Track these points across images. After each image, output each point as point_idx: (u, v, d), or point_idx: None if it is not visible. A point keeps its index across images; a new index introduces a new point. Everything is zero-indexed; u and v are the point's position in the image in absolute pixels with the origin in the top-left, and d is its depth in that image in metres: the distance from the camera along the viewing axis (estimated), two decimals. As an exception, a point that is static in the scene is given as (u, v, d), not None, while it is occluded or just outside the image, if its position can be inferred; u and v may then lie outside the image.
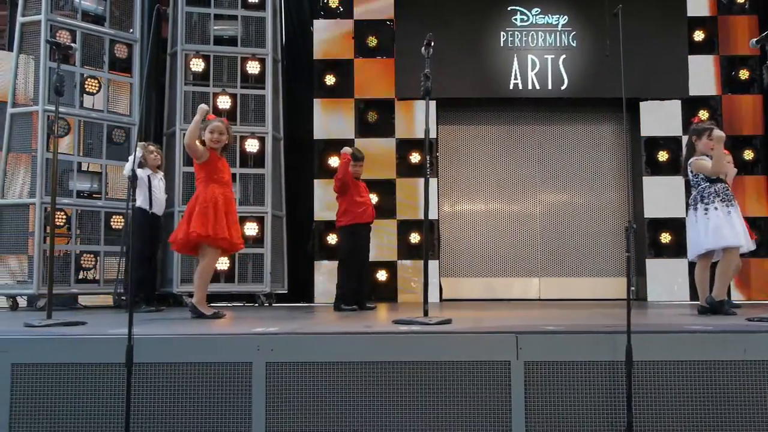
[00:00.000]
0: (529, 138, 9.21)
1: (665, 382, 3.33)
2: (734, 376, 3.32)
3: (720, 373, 3.33)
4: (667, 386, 3.33)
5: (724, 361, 3.34)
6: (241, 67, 7.88)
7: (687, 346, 3.38)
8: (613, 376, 3.32)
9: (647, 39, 8.45)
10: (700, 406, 3.31)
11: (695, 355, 3.35)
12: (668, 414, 3.31)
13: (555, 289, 8.93)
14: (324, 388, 3.37)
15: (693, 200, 5.27)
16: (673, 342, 3.40)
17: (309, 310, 6.78)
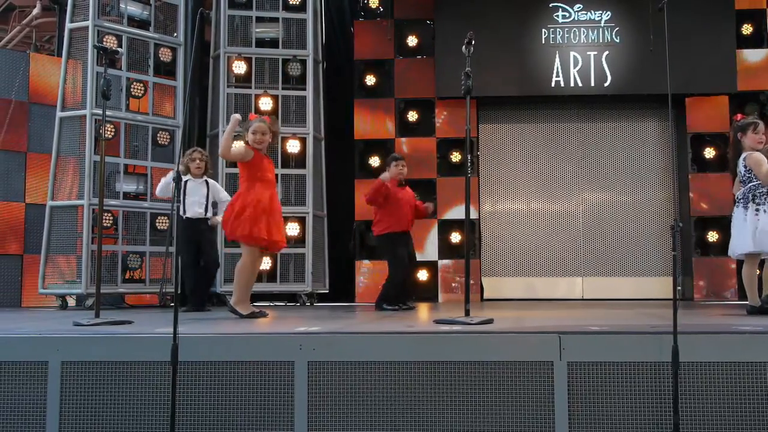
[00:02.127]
0: (571, 136, 9.10)
1: (713, 383, 3.26)
2: (785, 378, 3.24)
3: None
4: (714, 388, 3.26)
5: (774, 362, 3.26)
6: (282, 68, 7.95)
7: (735, 347, 3.30)
8: (659, 377, 3.26)
9: (693, 33, 8.26)
10: (749, 409, 3.23)
11: (744, 356, 3.27)
12: (716, 416, 3.23)
13: (598, 288, 8.80)
14: (365, 387, 3.38)
15: (743, 197, 5.08)
16: (720, 343, 3.33)
17: (350, 309, 6.81)
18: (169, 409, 3.28)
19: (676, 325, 3.17)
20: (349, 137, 8.77)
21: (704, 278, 8.38)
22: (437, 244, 8.54)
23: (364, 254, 8.54)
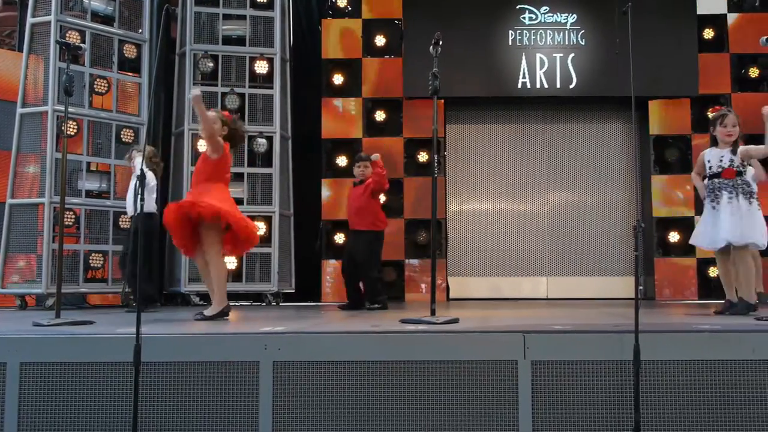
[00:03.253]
0: (537, 137, 9.20)
1: (673, 381, 3.32)
2: (742, 376, 3.30)
3: (728, 372, 3.31)
4: (675, 386, 3.32)
5: (732, 360, 3.32)
6: (249, 66, 7.90)
7: (695, 346, 3.36)
8: (621, 375, 3.31)
9: (657, 37, 8.40)
10: (709, 406, 3.29)
11: (703, 354, 3.33)
12: (676, 414, 3.29)
13: (563, 288, 8.90)
14: (331, 387, 3.38)
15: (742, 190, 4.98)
16: (681, 341, 3.39)
17: (316, 309, 6.79)
18: (131, 411, 3.23)
19: (638, 324, 3.22)
20: (316, 136, 8.75)
21: (665, 278, 8.53)
22: (403, 244, 8.56)
23: (330, 254, 8.52)
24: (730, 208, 4.95)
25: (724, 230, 4.94)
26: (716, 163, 5.11)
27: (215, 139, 4.84)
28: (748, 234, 4.90)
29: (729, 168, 5.02)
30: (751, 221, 4.91)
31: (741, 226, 4.90)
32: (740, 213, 4.92)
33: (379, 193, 6.46)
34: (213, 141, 4.83)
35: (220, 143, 4.86)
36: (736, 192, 4.95)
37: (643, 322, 3.30)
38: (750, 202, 4.94)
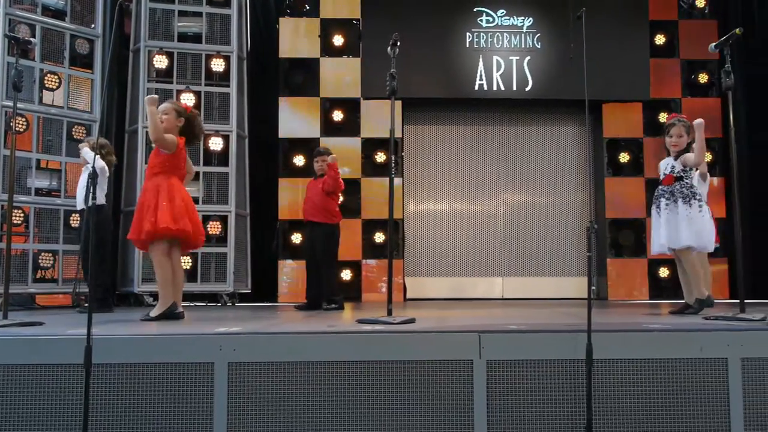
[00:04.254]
0: (493, 138, 9.29)
1: (624, 380, 3.38)
2: (691, 374, 3.38)
3: (677, 370, 3.39)
4: (626, 384, 3.38)
5: (681, 359, 3.40)
6: (205, 64, 7.81)
7: (645, 345, 3.43)
8: (574, 374, 3.36)
9: (610, 42, 8.57)
10: (658, 403, 3.36)
11: (653, 353, 3.40)
12: (627, 411, 3.36)
13: (518, 288, 9.01)
14: (287, 388, 3.36)
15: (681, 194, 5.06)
16: (632, 341, 3.46)
17: (272, 309, 6.75)
18: (81, 414, 3.16)
19: (590, 323, 3.28)
20: (273, 135, 8.69)
21: (618, 278, 8.69)
22: (361, 244, 8.56)
23: (287, 254, 8.48)
24: (666, 215, 5.08)
25: (662, 237, 5.10)
26: (662, 170, 5.26)
27: (162, 141, 4.74)
28: (685, 238, 5.00)
29: (669, 175, 5.15)
30: (689, 226, 5.00)
31: (677, 230, 5.02)
32: (677, 218, 5.02)
33: (332, 194, 6.45)
34: (160, 143, 4.75)
35: (169, 141, 4.77)
36: (674, 198, 5.07)
37: (595, 322, 3.35)
38: (690, 205, 5.03)
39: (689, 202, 5.03)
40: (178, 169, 4.91)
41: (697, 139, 5.01)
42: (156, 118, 4.73)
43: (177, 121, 4.84)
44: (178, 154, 4.85)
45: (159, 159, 4.83)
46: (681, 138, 5.14)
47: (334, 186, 6.38)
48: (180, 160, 4.89)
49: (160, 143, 4.75)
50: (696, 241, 5.03)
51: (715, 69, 8.78)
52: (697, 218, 5.03)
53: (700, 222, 5.04)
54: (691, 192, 5.07)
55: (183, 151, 4.91)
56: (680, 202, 5.03)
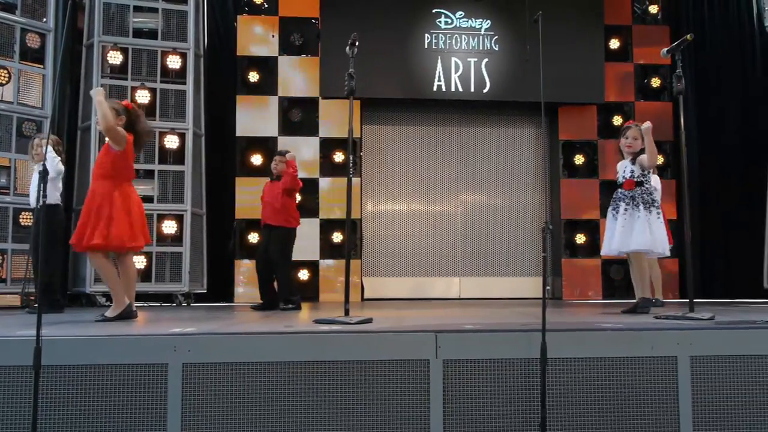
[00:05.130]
0: (451, 139, 9.35)
1: (578, 378, 3.43)
2: (642, 372, 3.45)
3: (629, 368, 3.45)
4: (579, 382, 3.43)
5: (633, 357, 3.46)
6: (161, 61, 7.70)
7: (598, 344, 3.49)
8: (529, 373, 3.40)
9: (566, 45, 8.68)
10: (611, 401, 3.42)
11: (606, 352, 3.46)
12: (580, 409, 3.40)
13: (475, 288, 9.09)
14: (243, 389, 3.32)
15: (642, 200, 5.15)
16: (585, 339, 3.51)
17: (229, 310, 6.68)
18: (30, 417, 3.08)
19: (545, 323, 3.32)
20: (230, 134, 8.61)
21: (572, 278, 8.83)
22: (318, 244, 8.53)
23: (244, 253, 8.41)
24: (623, 219, 5.16)
25: (615, 241, 5.19)
26: (621, 173, 5.35)
27: (114, 131, 4.59)
28: (639, 243, 5.09)
29: (629, 179, 5.24)
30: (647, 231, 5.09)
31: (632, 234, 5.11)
32: (635, 223, 5.11)
33: (291, 192, 6.42)
34: (112, 134, 4.59)
35: (121, 134, 4.62)
36: (635, 203, 5.16)
37: (550, 321, 3.40)
38: (650, 211, 5.13)
39: (649, 208, 5.13)
40: (129, 170, 4.77)
41: (647, 142, 5.11)
42: (105, 107, 4.56)
43: (117, 120, 4.69)
44: (128, 153, 4.71)
45: (109, 158, 4.69)
46: (636, 140, 5.25)
47: (293, 183, 6.34)
48: (130, 160, 4.76)
49: (111, 134, 4.60)
50: (652, 247, 5.13)
51: (667, 73, 8.98)
52: (655, 225, 5.13)
53: (658, 229, 5.15)
54: (651, 198, 5.18)
55: (131, 151, 4.78)
56: (642, 207, 5.13)
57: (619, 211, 5.22)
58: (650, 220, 5.10)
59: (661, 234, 5.17)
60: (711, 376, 3.46)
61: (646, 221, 5.09)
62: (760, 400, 3.46)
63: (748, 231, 8.95)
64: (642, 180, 5.20)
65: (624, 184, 5.27)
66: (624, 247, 5.16)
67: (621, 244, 5.17)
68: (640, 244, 5.10)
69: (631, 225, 5.13)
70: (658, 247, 5.16)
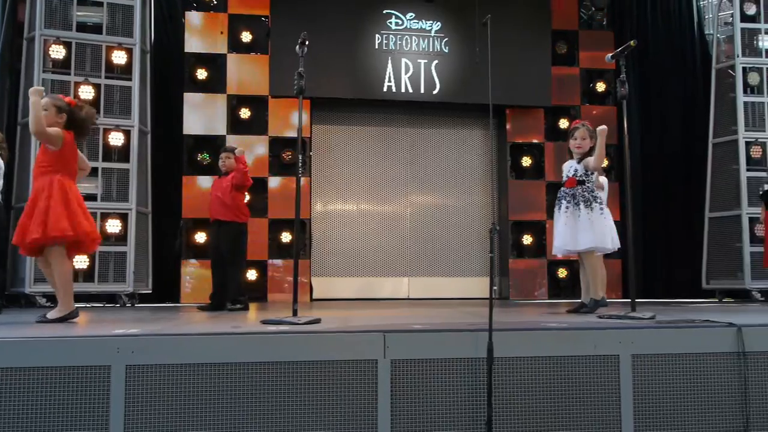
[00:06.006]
0: (401, 140, 9.39)
1: (524, 377, 3.48)
2: (586, 370, 3.52)
3: (573, 367, 3.52)
4: (525, 381, 3.48)
5: (576, 356, 3.53)
6: (106, 56, 7.53)
7: (543, 343, 3.54)
8: (476, 372, 3.43)
9: (515, 49, 8.80)
10: (555, 399, 3.48)
11: (551, 351, 3.52)
12: (526, 407, 3.45)
13: (424, 288, 9.14)
14: (189, 391, 3.27)
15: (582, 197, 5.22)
16: (530, 339, 3.56)
17: (174, 310, 6.57)
18: (-37, 422, 2.98)
19: (492, 322, 3.36)
20: (177, 132, 8.47)
21: (519, 278, 8.95)
22: (267, 244, 8.46)
23: (190, 253, 8.28)
24: (565, 218, 5.25)
25: (560, 238, 5.27)
26: (566, 173, 5.42)
27: (44, 135, 4.42)
28: (583, 240, 5.18)
29: (571, 177, 5.32)
30: (590, 228, 5.18)
31: (577, 233, 5.19)
32: (578, 221, 5.19)
33: (241, 188, 6.35)
34: (42, 137, 4.45)
35: (53, 135, 4.44)
36: (575, 201, 5.24)
37: (496, 321, 3.44)
38: (591, 209, 5.20)
39: (590, 205, 5.20)
40: (69, 166, 4.61)
41: (598, 144, 5.20)
42: (38, 110, 4.39)
43: (58, 118, 4.52)
44: (66, 151, 4.55)
45: (47, 156, 4.52)
46: (585, 140, 5.32)
47: (243, 180, 6.27)
48: (70, 156, 4.59)
49: (42, 137, 4.44)
50: (597, 243, 5.21)
51: (612, 78, 9.18)
52: (597, 221, 5.19)
53: (601, 225, 5.21)
54: (592, 196, 5.25)
55: (73, 146, 4.63)
56: (582, 205, 5.20)
57: (561, 209, 5.30)
58: (591, 218, 5.17)
59: (606, 230, 5.23)
60: (651, 374, 3.55)
61: (587, 219, 5.17)
62: (698, 397, 3.57)
63: (687, 232, 9.23)
64: (584, 179, 5.29)
65: (566, 183, 5.35)
66: (571, 246, 5.24)
67: (567, 243, 5.24)
68: (587, 242, 5.18)
69: (574, 224, 5.20)
70: (607, 243, 5.24)
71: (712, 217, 8.68)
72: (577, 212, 5.19)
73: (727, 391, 3.58)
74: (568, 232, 5.22)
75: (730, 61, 8.68)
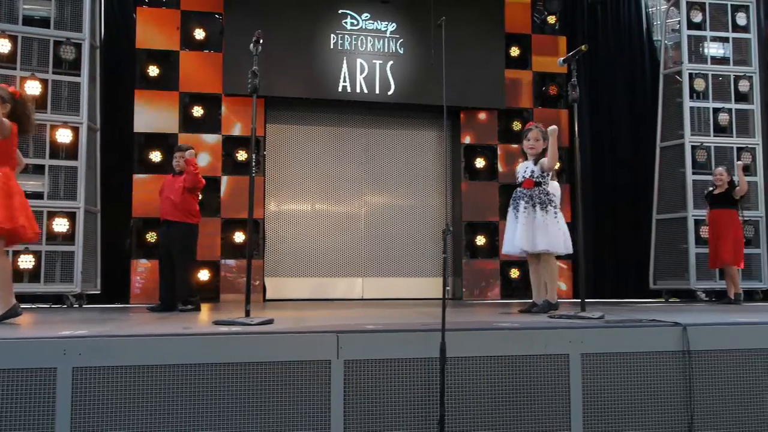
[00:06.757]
0: (356, 140, 9.38)
1: (476, 376, 3.51)
2: (537, 369, 3.57)
3: (524, 366, 3.56)
4: (477, 380, 3.51)
5: (528, 355, 3.58)
6: (54, 51, 7.35)
7: (495, 342, 3.58)
8: (429, 372, 3.45)
9: (469, 51, 8.88)
10: (507, 398, 3.52)
11: (502, 350, 3.56)
12: (478, 406, 3.48)
13: (378, 288, 9.15)
14: (138, 394, 3.21)
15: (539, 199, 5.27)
16: (482, 338, 3.59)
17: (124, 311, 6.45)
18: None
19: (444, 322, 3.38)
20: (128, 130, 8.31)
21: (472, 279, 9.03)
22: (219, 244, 8.37)
23: (141, 253, 8.14)
24: (524, 218, 5.29)
25: (517, 239, 5.32)
26: (521, 173, 5.48)
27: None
28: (540, 242, 5.25)
29: (529, 179, 5.39)
30: (543, 230, 5.25)
31: (534, 234, 5.25)
32: (534, 222, 5.26)
33: (193, 191, 6.27)
34: None
35: (4, 125, 4.32)
36: (532, 202, 5.30)
37: (449, 321, 3.46)
38: (546, 211, 5.28)
39: (546, 208, 5.27)
40: (11, 158, 4.49)
41: (550, 144, 5.27)
42: None
43: (2, 108, 4.43)
44: (11, 141, 4.45)
45: None
46: (538, 142, 5.38)
47: (194, 182, 6.19)
48: (12, 148, 4.49)
49: None
50: (551, 246, 5.28)
51: (564, 82, 9.34)
52: (552, 224, 5.26)
53: (555, 228, 5.28)
54: (548, 198, 5.32)
55: (16, 138, 4.52)
56: (538, 207, 5.27)
57: (519, 209, 5.34)
58: (546, 221, 5.24)
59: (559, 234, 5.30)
60: (600, 373, 3.62)
61: (543, 222, 5.24)
62: (645, 395, 3.65)
63: (636, 234, 9.45)
64: (540, 181, 5.35)
65: (523, 183, 5.40)
66: (530, 247, 5.29)
67: (525, 243, 5.28)
68: (543, 244, 5.24)
69: (531, 225, 5.26)
70: (560, 246, 5.31)
71: (660, 219, 8.90)
72: (534, 214, 5.26)
73: (672, 389, 3.68)
74: (525, 233, 5.27)
75: (677, 66, 8.91)
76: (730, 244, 7.47)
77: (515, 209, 5.38)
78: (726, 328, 3.92)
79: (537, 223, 5.24)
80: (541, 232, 5.23)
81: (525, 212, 5.29)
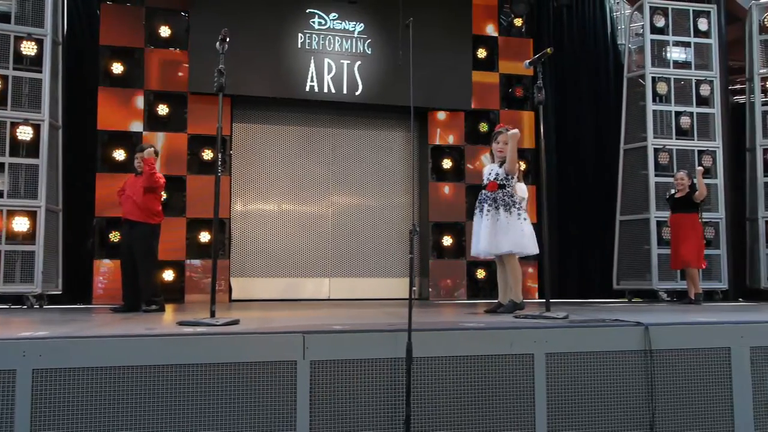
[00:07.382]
0: (323, 140, 9.35)
1: (442, 376, 3.52)
2: (502, 369, 3.60)
3: (490, 366, 3.59)
4: (443, 380, 3.53)
5: (493, 355, 3.60)
6: (14, 46, 7.20)
7: (461, 342, 3.60)
8: (395, 372, 3.45)
9: (437, 52, 8.92)
10: (473, 397, 3.54)
11: (468, 350, 3.58)
12: (444, 406, 3.50)
13: (344, 289, 9.14)
14: (101, 396, 3.16)
15: (503, 202, 5.30)
16: (449, 338, 3.61)
17: (86, 311, 6.34)
18: None
19: (411, 323, 3.39)
20: (91, 127, 8.18)
21: (439, 279, 9.07)
22: (185, 243, 8.28)
23: (104, 253, 8.02)
24: (488, 220, 5.33)
25: (482, 240, 5.35)
26: (486, 176, 5.51)
27: None
28: (504, 244, 5.29)
29: (493, 181, 5.42)
30: (509, 233, 5.29)
31: (497, 236, 5.29)
32: (497, 224, 5.29)
33: (152, 191, 6.15)
34: None
35: None
36: (496, 204, 5.34)
37: (415, 321, 3.47)
38: (510, 213, 5.31)
39: (509, 210, 5.31)
40: None
41: (510, 147, 5.32)
42: None
43: None
44: None
45: None
46: (507, 145, 5.42)
47: (150, 182, 6.07)
48: None
49: None
50: (516, 248, 5.32)
51: (530, 84, 9.42)
52: (516, 226, 5.30)
53: (519, 229, 5.31)
54: (512, 200, 5.35)
55: None
56: (502, 209, 5.30)
57: (483, 211, 5.38)
58: (510, 222, 5.28)
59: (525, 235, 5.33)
60: (564, 372, 3.67)
61: (506, 223, 5.28)
62: (608, 393, 3.70)
63: (600, 235, 9.57)
64: (505, 183, 5.39)
65: (488, 186, 5.44)
66: (494, 249, 5.32)
67: (489, 246, 5.32)
68: (507, 246, 5.29)
69: (495, 227, 5.30)
70: (525, 248, 5.35)
71: (623, 220, 9.03)
72: (497, 216, 5.30)
73: (635, 387, 3.74)
74: (489, 235, 5.30)
75: (641, 70, 9.06)
76: (690, 247, 7.60)
77: (480, 212, 5.41)
78: (686, 328, 4.00)
79: (500, 225, 5.28)
80: (504, 234, 5.27)
81: (489, 215, 5.33)
